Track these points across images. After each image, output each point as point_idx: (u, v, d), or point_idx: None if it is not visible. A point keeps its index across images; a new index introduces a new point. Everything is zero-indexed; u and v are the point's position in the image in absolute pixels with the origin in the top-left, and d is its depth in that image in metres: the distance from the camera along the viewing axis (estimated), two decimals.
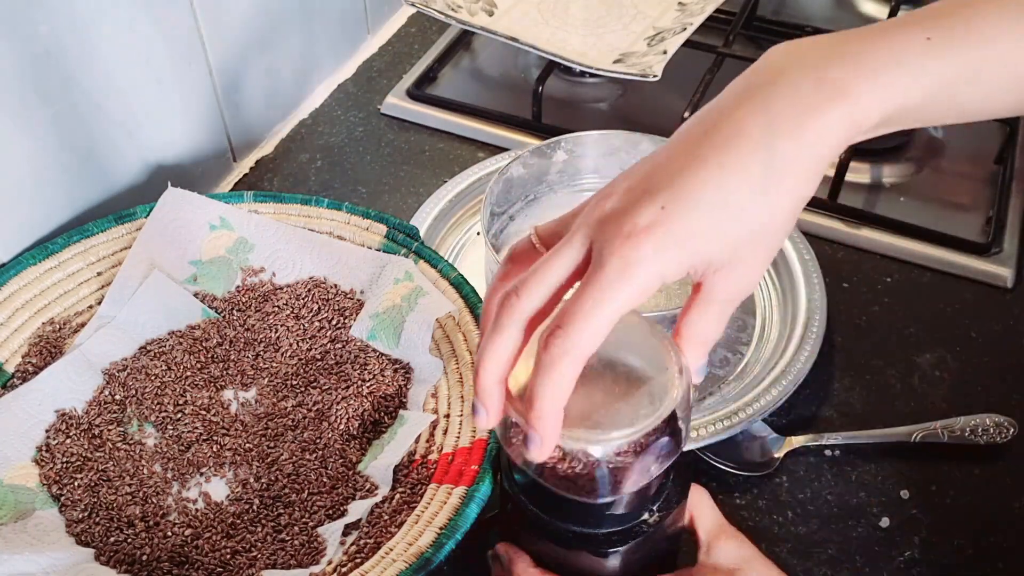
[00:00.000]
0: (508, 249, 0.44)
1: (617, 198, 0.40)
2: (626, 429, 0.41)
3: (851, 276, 0.73)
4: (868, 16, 1.00)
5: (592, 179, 0.76)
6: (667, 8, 0.88)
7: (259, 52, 0.80)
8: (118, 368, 0.61)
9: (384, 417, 0.60)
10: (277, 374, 0.62)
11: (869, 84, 0.39)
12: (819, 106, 0.38)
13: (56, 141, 0.64)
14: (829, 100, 0.38)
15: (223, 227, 0.66)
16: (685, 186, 0.38)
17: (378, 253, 0.65)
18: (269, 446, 0.59)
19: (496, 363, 0.40)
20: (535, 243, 0.43)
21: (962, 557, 0.56)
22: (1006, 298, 0.71)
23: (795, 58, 0.40)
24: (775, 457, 0.61)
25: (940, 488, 0.60)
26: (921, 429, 0.61)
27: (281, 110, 0.86)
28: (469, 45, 0.96)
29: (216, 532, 0.54)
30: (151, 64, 0.69)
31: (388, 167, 0.82)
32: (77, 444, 0.57)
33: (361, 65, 0.93)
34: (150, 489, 0.56)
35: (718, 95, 0.41)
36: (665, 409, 0.41)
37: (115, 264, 0.65)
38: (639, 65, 0.79)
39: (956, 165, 0.82)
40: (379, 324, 0.62)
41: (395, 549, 0.50)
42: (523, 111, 0.84)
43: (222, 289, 0.66)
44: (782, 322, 0.67)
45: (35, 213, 0.65)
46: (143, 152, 0.71)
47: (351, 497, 0.55)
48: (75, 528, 0.54)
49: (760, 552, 0.48)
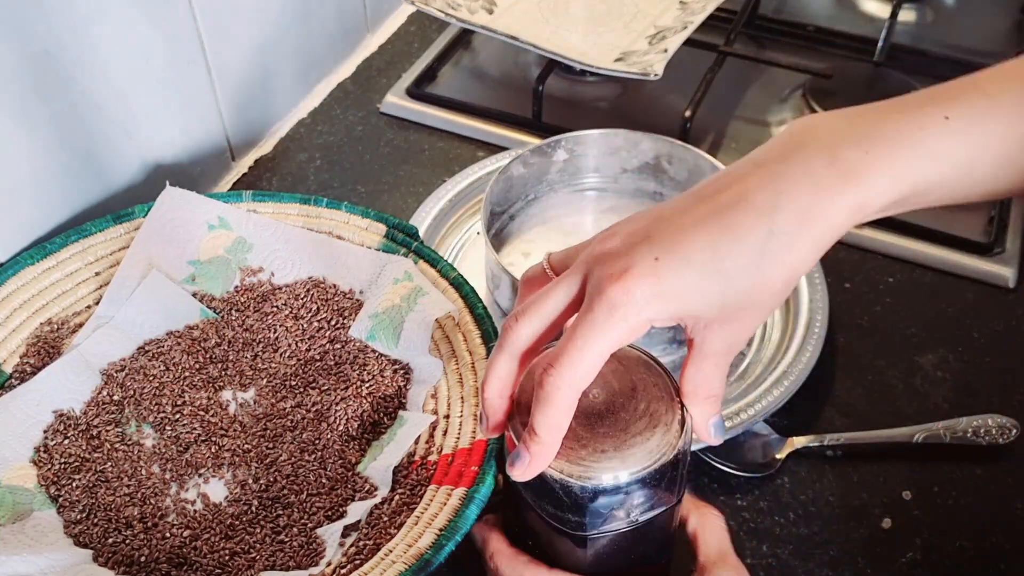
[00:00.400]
0: (524, 272, 0.47)
1: (619, 239, 0.41)
2: (611, 473, 0.42)
3: (853, 276, 0.73)
4: (868, 15, 0.99)
5: (593, 178, 0.76)
6: (668, 6, 0.88)
7: (258, 52, 0.80)
8: (116, 368, 0.61)
9: (383, 418, 0.59)
10: (276, 375, 0.62)
11: (882, 167, 0.38)
12: (829, 187, 0.38)
13: (55, 141, 0.64)
14: (840, 182, 0.38)
15: (221, 227, 0.66)
16: (682, 242, 0.39)
17: (377, 253, 0.65)
18: (268, 447, 0.58)
19: (495, 381, 0.43)
20: (546, 268, 0.46)
21: (964, 558, 0.56)
22: (1008, 298, 0.71)
23: (812, 134, 0.40)
24: (777, 458, 0.61)
25: (942, 489, 0.60)
26: (923, 430, 0.61)
27: (280, 109, 0.85)
28: (469, 44, 0.95)
29: (215, 533, 0.54)
30: (151, 64, 0.69)
31: (387, 166, 0.82)
32: (75, 445, 0.57)
33: (360, 64, 0.93)
34: (148, 490, 0.56)
35: (741, 159, 0.42)
36: (653, 463, 0.42)
37: (113, 264, 0.64)
38: (640, 64, 0.79)
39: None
40: (378, 324, 0.62)
41: (395, 550, 0.50)
42: (523, 110, 0.84)
43: (220, 289, 0.66)
44: (784, 322, 0.67)
45: (33, 213, 0.65)
46: (142, 152, 0.71)
47: (350, 498, 0.55)
48: (73, 529, 0.54)
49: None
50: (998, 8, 1.01)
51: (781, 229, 0.38)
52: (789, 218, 0.38)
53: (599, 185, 0.76)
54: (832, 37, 0.94)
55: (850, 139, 0.39)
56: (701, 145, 0.82)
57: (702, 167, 0.71)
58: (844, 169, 0.38)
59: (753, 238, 0.38)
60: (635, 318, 0.38)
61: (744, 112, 0.87)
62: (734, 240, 0.38)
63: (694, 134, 0.80)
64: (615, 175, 0.76)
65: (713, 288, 0.38)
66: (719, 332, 0.40)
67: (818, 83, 0.85)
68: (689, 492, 0.48)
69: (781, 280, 0.39)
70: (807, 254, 0.38)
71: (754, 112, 0.87)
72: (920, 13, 1.00)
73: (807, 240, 0.38)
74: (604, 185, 0.76)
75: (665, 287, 0.38)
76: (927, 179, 0.39)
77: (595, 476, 0.42)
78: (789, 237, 0.38)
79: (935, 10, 1.01)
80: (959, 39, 0.96)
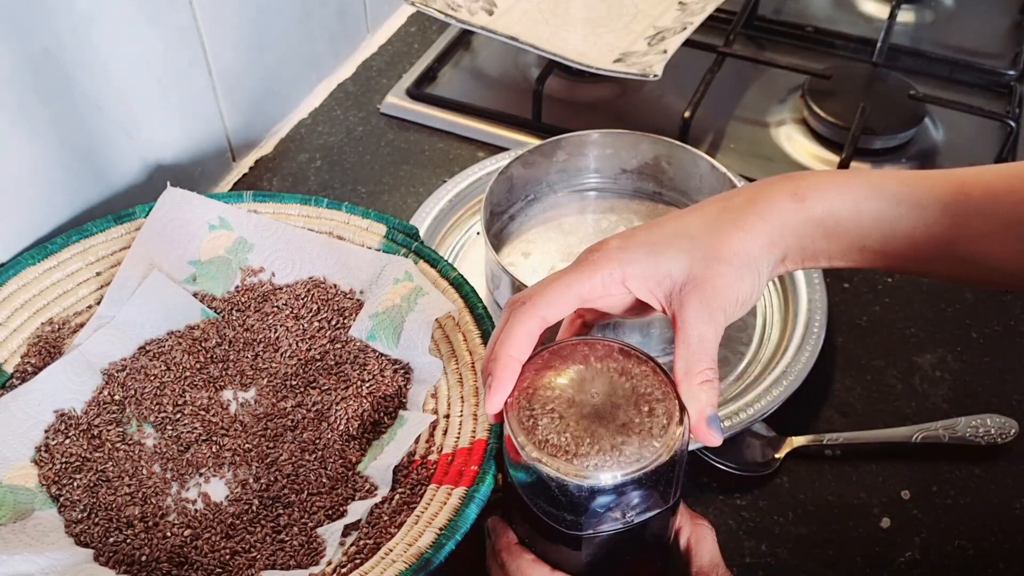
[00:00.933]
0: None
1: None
2: (608, 472, 0.42)
3: (852, 276, 0.73)
4: (867, 16, 0.99)
5: (592, 178, 0.76)
6: (667, 7, 0.88)
7: (259, 52, 0.80)
8: (117, 368, 0.61)
9: (384, 417, 0.59)
10: (276, 374, 0.62)
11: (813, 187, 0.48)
12: (774, 183, 0.48)
13: (55, 141, 0.64)
14: (784, 181, 0.48)
15: (222, 227, 0.66)
16: (656, 221, 0.49)
17: (378, 253, 0.65)
18: (268, 446, 0.58)
19: (515, 338, 0.46)
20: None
21: (963, 558, 0.56)
22: (1007, 298, 0.71)
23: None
24: (776, 457, 0.61)
25: (941, 489, 0.60)
26: (922, 430, 0.61)
27: (281, 110, 0.86)
28: (469, 45, 0.95)
29: (215, 533, 0.54)
30: (151, 64, 0.69)
31: (388, 167, 0.82)
32: (76, 444, 0.57)
33: (361, 65, 0.93)
34: (149, 489, 0.56)
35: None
36: (650, 464, 0.42)
37: (114, 264, 0.64)
38: (639, 64, 0.79)
39: (956, 165, 0.82)
40: (379, 324, 0.62)
41: (395, 550, 0.50)
42: (523, 111, 0.84)
43: (221, 289, 0.66)
44: (783, 322, 0.67)
45: (34, 213, 0.65)
46: (142, 152, 0.71)
47: (351, 498, 0.55)
48: (74, 528, 0.54)
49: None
50: (997, 9, 1.01)
51: (733, 205, 0.48)
52: (738, 200, 0.48)
53: (599, 185, 0.77)
54: (831, 38, 0.95)
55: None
56: (700, 146, 0.82)
57: (701, 167, 0.71)
58: (792, 188, 0.48)
59: (710, 210, 0.48)
60: (607, 265, 0.46)
61: (743, 113, 0.87)
62: (695, 213, 0.48)
63: (693, 135, 0.80)
64: (614, 175, 0.76)
65: (681, 245, 0.46)
66: (695, 296, 0.45)
67: (817, 84, 0.85)
68: (683, 502, 0.48)
69: (738, 241, 0.46)
70: (754, 223, 0.47)
71: (753, 113, 0.87)
72: (919, 14, 1.00)
73: (752, 212, 0.47)
74: (603, 185, 0.77)
75: (637, 240, 0.47)
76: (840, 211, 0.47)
77: (591, 475, 0.42)
78: (738, 210, 0.47)
79: (934, 11, 1.01)
80: (958, 40, 0.96)
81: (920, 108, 0.84)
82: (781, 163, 0.82)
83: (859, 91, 0.85)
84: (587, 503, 0.42)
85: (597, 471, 0.42)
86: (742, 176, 0.74)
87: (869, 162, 0.81)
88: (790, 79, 0.89)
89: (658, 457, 0.42)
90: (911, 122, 0.83)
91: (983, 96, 0.89)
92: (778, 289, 0.70)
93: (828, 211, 0.47)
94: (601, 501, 0.42)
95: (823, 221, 0.47)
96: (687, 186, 0.74)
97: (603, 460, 0.42)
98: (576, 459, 0.42)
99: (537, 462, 0.43)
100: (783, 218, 0.47)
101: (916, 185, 0.48)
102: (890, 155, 0.82)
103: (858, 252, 0.48)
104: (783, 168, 0.82)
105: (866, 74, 0.87)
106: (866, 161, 0.81)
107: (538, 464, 0.43)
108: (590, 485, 0.42)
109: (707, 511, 0.58)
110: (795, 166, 0.82)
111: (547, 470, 0.42)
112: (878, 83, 0.86)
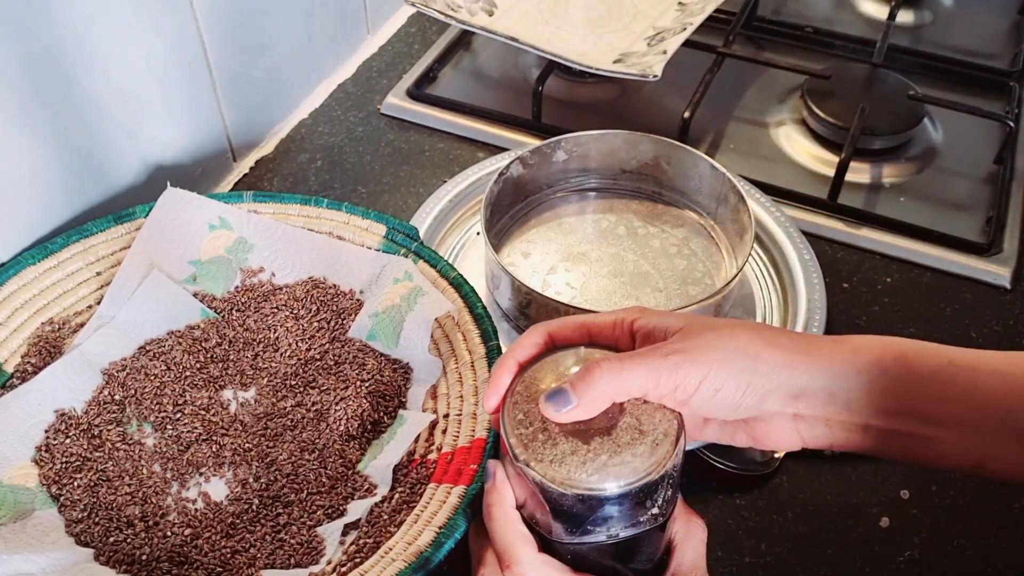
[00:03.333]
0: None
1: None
2: (601, 484, 0.42)
3: (851, 276, 0.73)
4: (867, 17, 1.00)
5: (592, 179, 0.76)
6: (667, 8, 0.89)
7: (259, 52, 0.80)
8: (117, 368, 0.61)
9: (383, 417, 0.60)
10: (276, 374, 0.62)
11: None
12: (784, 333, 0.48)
13: (55, 141, 0.64)
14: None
15: (222, 227, 0.66)
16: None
17: (377, 253, 0.65)
18: (268, 446, 0.59)
19: (522, 348, 0.47)
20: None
21: (962, 558, 0.56)
22: (1006, 298, 0.71)
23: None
24: (775, 457, 0.61)
25: (940, 488, 0.60)
26: None
27: (281, 110, 0.86)
28: (469, 45, 0.96)
29: (215, 532, 0.54)
30: (151, 64, 0.69)
31: (388, 167, 0.82)
32: (76, 444, 0.57)
33: (361, 65, 0.93)
34: (149, 489, 0.56)
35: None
36: (642, 478, 0.42)
37: (114, 264, 0.65)
38: (639, 65, 0.79)
39: (956, 165, 0.82)
40: (378, 324, 0.62)
41: (394, 548, 0.50)
42: (523, 111, 0.84)
43: (221, 289, 0.66)
44: (782, 322, 0.67)
45: (34, 213, 0.65)
46: (142, 152, 0.71)
47: (350, 497, 0.55)
48: (74, 528, 0.54)
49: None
50: (996, 9, 1.01)
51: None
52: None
53: (598, 185, 0.77)
54: (830, 38, 0.95)
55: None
56: (700, 146, 0.82)
57: (701, 168, 0.71)
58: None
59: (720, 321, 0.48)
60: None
61: (743, 113, 0.87)
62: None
63: (693, 135, 0.80)
64: (614, 176, 0.76)
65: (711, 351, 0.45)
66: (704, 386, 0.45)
67: (816, 84, 0.85)
68: (681, 497, 0.48)
69: (742, 338, 0.45)
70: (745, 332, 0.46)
71: (753, 113, 0.87)
72: (918, 14, 1.00)
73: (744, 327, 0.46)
74: (603, 185, 0.77)
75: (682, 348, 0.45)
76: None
77: (577, 484, 0.42)
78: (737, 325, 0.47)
79: (933, 11, 1.01)
80: (957, 40, 0.96)
81: (919, 108, 0.84)
82: (780, 163, 0.82)
83: (858, 91, 0.85)
84: (571, 512, 0.42)
85: (585, 481, 0.42)
86: (742, 176, 0.74)
87: (868, 162, 0.81)
88: (789, 79, 0.89)
89: (648, 474, 0.42)
90: (910, 122, 0.83)
91: (982, 96, 0.89)
92: (777, 288, 0.70)
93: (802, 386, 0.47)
94: (585, 512, 0.42)
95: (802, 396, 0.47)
96: (687, 186, 0.74)
97: (592, 470, 0.42)
98: (564, 467, 0.42)
99: (525, 466, 0.43)
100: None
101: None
102: (889, 155, 0.82)
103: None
104: (783, 168, 0.82)
105: (865, 74, 0.87)
106: (865, 161, 0.81)
107: (526, 468, 0.43)
108: (575, 494, 0.42)
109: (707, 511, 0.58)
110: (795, 166, 0.82)
111: (534, 474, 0.42)
112: (877, 83, 0.86)
